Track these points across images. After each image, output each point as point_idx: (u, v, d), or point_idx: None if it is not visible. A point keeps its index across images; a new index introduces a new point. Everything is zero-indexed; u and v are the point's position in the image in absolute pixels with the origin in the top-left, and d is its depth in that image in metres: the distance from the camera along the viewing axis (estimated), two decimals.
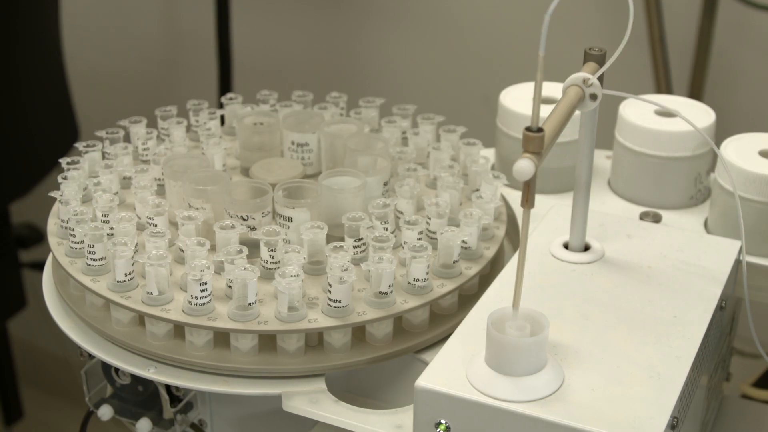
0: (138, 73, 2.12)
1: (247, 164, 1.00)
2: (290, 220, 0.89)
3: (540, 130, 0.69)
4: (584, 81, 0.77)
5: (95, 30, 2.12)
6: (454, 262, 0.88)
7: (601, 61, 0.79)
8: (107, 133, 1.01)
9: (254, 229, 0.89)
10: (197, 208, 0.90)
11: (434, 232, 0.89)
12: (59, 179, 0.94)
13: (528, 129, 0.68)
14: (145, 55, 2.11)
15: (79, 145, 0.99)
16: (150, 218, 0.89)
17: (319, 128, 1.00)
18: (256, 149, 1.01)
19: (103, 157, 1.00)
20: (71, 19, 1.91)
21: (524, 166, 0.68)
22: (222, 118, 1.07)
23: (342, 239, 0.88)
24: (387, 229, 0.89)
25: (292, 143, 1.00)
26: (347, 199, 0.91)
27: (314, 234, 0.87)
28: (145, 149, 1.02)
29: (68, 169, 0.96)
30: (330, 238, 0.87)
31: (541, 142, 0.69)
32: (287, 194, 0.91)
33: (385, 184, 0.95)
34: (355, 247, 0.88)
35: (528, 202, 0.70)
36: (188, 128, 1.05)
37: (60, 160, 0.96)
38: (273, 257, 0.86)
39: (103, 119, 1.32)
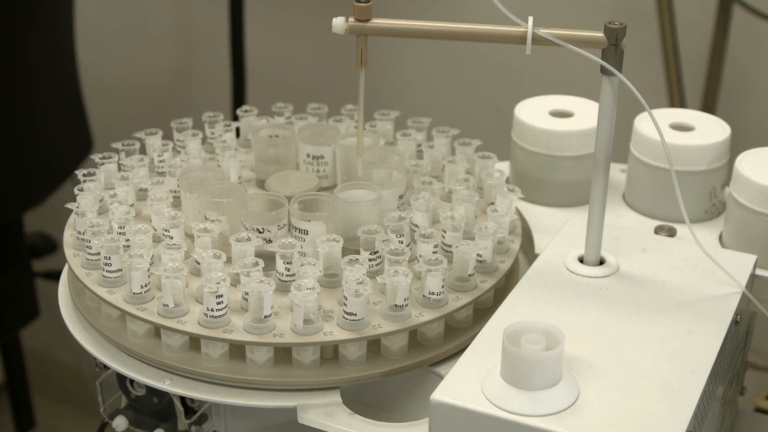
0: (152, 83, 2.13)
1: (263, 177, 1.00)
2: (306, 232, 0.89)
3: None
4: None
5: (109, 40, 2.12)
6: (470, 275, 0.88)
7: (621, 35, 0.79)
8: (123, 144, 1.01)
9: (270, 241, 0.89)
10: (213, 221, 0.90)
11: (449, 246, 0.89)
12: (75, 191, 0.94)
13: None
14: (159, 66, 2.11)
15: (95, 157, 1.00)
16: (166, 230, 0.90)
17: (334, 141, 1.00)
18: (272, 162, 1.01)
19: (119, 169, 1.00)
20: (85, 29, 1.92)
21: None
22: (237, 130, 1.08)
23: (357, 252, 0.88)
24: (402, 243, 0.89)
25: (308, 156, 1.01)
26: (362, 212, 0.91)
27: (330, 247, 0.87)
28: (161, 161, 1.02)
29: (84, 181, 0.96)
30: (345, 251, 0.87)
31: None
32: (303, 207, 0.91)
33: (401, 197, 0.95)
34: (370, 260, 0.88)
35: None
36: (204, 140, 1.05)
37: (76, 172, 0.96)
38: (289, 270, 0.86)
39: (117, 129, 1.33)
